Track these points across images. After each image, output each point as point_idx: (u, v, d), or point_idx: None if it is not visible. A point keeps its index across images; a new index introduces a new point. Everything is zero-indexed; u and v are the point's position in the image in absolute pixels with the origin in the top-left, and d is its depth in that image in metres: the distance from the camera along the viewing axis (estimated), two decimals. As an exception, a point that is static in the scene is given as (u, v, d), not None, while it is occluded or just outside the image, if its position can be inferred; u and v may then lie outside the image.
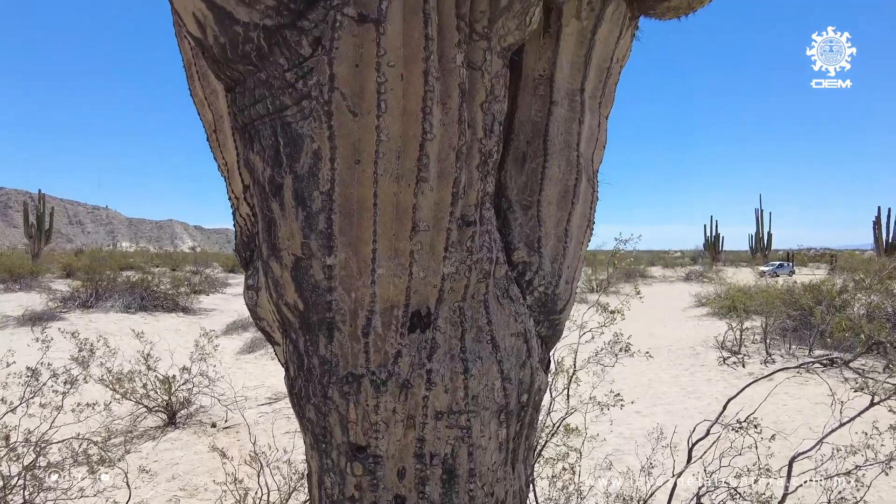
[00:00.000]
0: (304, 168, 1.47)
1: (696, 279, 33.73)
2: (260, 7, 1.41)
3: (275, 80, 1.46)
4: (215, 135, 1.87)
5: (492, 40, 1.57)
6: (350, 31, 1.43)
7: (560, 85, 1.93)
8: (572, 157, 1.94)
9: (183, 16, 1.49)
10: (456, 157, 1.53)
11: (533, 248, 1.85)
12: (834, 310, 13.59)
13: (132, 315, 18.95)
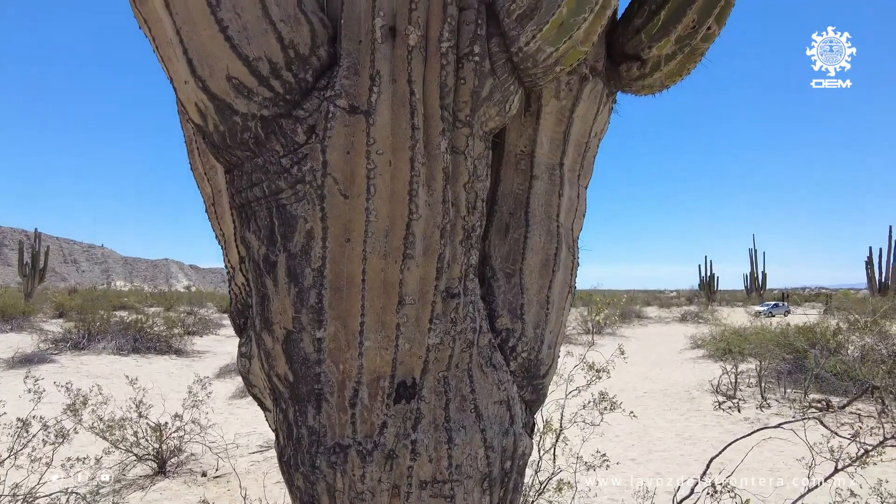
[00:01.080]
0: (297, 247, 1.56)
1: (691, 320, 33.71)
2: (258, 99, 1.53)
3: (271, 165, 1.57)
4: (213, 207, 1.97)
5: (474, 126, 1.69)
6: (342, 121, 1.55)
7: (540, 160, 2.05)
8: (553, 227, 2.04)
9: (186, 105, 1.61)
10: (440, 234, 1.63)
11: (516, 315, 1.93)
12: (828, 352, 13.61)
13: (124, 357, 18.76)
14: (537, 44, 1.61)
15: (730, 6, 2.06)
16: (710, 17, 2.01)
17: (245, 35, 1.49)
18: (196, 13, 1.48)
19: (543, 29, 1.59)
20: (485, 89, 1.65)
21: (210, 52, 1.49)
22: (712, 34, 2.07)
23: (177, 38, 1.52)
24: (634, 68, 2.09)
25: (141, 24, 1.61)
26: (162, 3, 1.50)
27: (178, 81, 1.57)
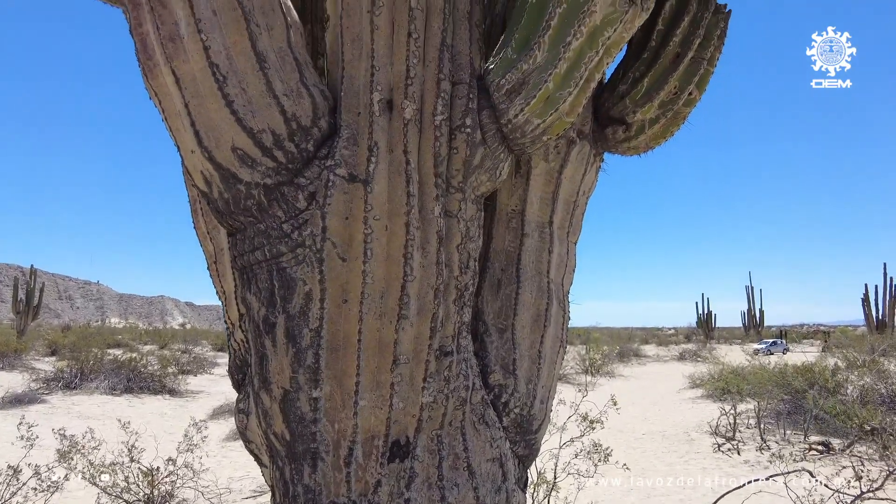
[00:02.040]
0: (295, 308, 1.62)
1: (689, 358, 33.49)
2: (262, 168, 1.62)
3: (273, 230, 1.64)
4: (215, 265, 2.04)
5: (466, 191, 1.77)
6: (341, 188, 1.63)
7: (531, 218, 2.13)
8: (543, 283, 2.11)
9: (192, 173, 1.69)
10: (434, 294, 1.69)
11: (508, 371, 1.98)
12: (827, 392, 13.52)
13: (117, 397, 18.49)
14: (525, 116, 1.71)
15: (709, 73, 2.18)
16: (691, 84, 2.13)
17: (250, 109, 1.59)
18: (204, 88, 1.58)
19: (531, 103, 1.69)
20: (476, 158, 1.74)
21: (216, 125, 1.58)
22: (693, 99, 2.19)
23: (185, 111, 1.61)
24: (620, 131, 2.20)
25: (152, 95, 1.70)
26: (172, 78, 1.60)
27: (185, 151, 1.66)
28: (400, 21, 1.70)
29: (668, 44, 2.09)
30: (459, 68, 1.75)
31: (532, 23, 1.69)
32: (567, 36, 1.63)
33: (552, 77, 1.66)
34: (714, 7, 2.12)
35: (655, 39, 2.13)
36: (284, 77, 1.64)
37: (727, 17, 2.16)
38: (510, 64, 1.70)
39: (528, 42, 1.69)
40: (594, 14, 1.63)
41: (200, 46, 1.56)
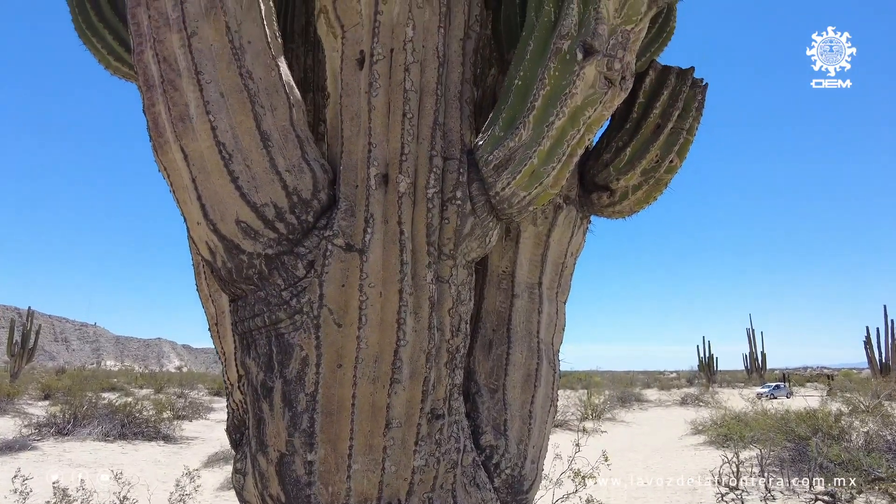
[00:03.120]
0: (292, 373, 1.69)
1: (692, 403, 33.00)
2: (263, 240, 1.71)
3: (272, 297, 1.72)
4: (216, 327, 2.11)
5: (457, 258, 1.86)
6: (338, 257, 1.72)
7: (520, 280, 2.22)
8: (533, 343, 2.18)
9: (197, 242, 1.79)
10: (426, 358, 1.76)
11: (500, 431, 2.02)
12: (831, 439, 13.32)
13: (110, 444, 18.16)
14: (512, 189, 1.82)
15: (688, 143, 2.31)
16: (672, 153, 2.26)
17: (254, 184, 1.69)
18: (211, 165, 1.69)
19: (517, 177, 1.80)
20: (466, 227, 1.84)
21: (221, 199, 1.69)
22: (674, 167, 2.31)
23: (192, 185, 1.71)
24: (605, 197, 2.31)
25: (161, 169, 1.81)
26: (181, 154, 1.71)
27: (192, 222, 1.76)
28: (395, 101, 1.83)
29: (649, 115, 2.23)
30: (451, 145, 1.87)
31: (518, 103, 1.82)
32: (550, 116, 1.76)
33: (537, 153, 1.78)
34: (691, 81, 2.26)
35: (637, 111, 2.26)
36: (287, 153, 1.75)
37: (704, 89, 2.30)
38: (498, 141, 1.82)
39: (514, 121, 1.81)
40: (575, 96, 1.75)
41: (208, 126, 1.68)
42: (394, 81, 1.84)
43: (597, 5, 1.74)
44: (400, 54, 1.84)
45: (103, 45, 2.20)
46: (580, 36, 1.74)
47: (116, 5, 2.21)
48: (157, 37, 1.73)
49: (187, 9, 1.72)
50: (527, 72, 1.82)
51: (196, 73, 1.69)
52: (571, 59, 1.73)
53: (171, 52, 1.72)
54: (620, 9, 1.78)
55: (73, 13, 2.19)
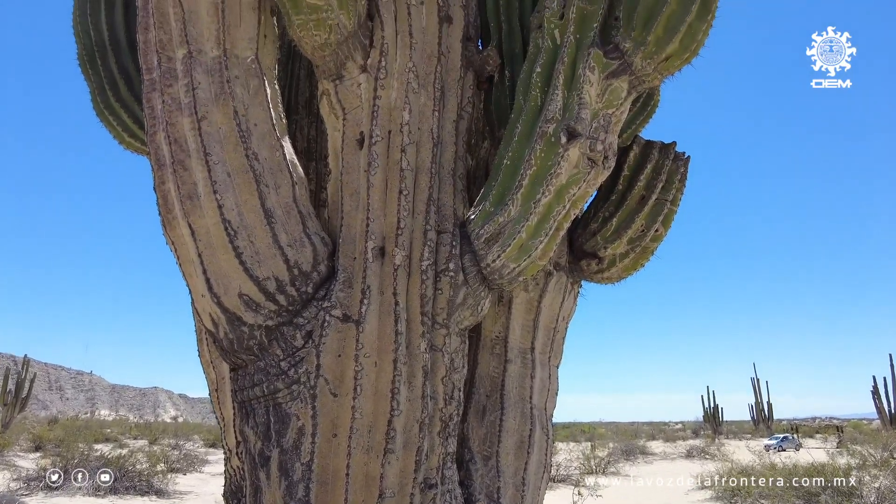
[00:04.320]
0: (289, 442, 1.73)
1: (697, 455, 32.21)
2: (264, 312, 1.79)
3: (271, 367, 1.79)
4: (216, 393, 2.16)
5: (451, 327, 1.94)
6: (336, 328, 1.79)
7: (513, 345, 2.28)
8: (526, 408, 2.22)
9: (201, 314, 1.86)
10: (419, 428, 1.80)
11: (493, 499, 2.04)
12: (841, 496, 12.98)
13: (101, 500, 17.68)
14: (502, 261, 1.91)
15: (673, 213, 2.42)
16: (657, 223, 2.36)
17: (257, 259, 1.78)
18: (216, 241, 1.79)
19: (507, 250, 1.89)
20: (459, 297, 1.92)
21: (225, 273, 1.77)
22: (660, 236, 2.40)
23: (198, 259, 1.80)
24: (594, 264, 2.40)
25: (168, 243, 1.91)
26: (188, 230, 1.81)
27: (196, 294, 1.84)
28: (392, 179, 1.94)
29: (634, 187, 2.34)
30: (444, 219, 1.97)
31: (507, 181, 1.93)
32: (537, 194, 1.87)
33: (525, 228, 1.88)
34: (674, 155, 2.39)
35: (622, 183, 2.38)
36: (289, 229, 1.85)
37: (686, 162, 2.43)
38: (488, 216, 1.92)
39: (503, 198, 1.92)
40: (560, 175, 1.87)
41: (215, 205, 1.78)
42: (391, 161, 1.95)
43: (580, 91, 1.87)
44: (397, 136, 1.97)
45: (118, 122, 2.34)
46: (564, 120, 1.86)
47: (132, 86, 2.36)
48: (169, 120, 1.85)
49: (198, 95, 1.86)
50: (515, 152, 1.95)
51: (205, 154, 1.81)
52: (556, 141, 1.85)
53: (181, 135, 1.84)
54: (602, 94, 1.91)
55: (92, 95, 2.35)
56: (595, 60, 1.87)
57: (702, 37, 1.87)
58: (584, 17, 1.94)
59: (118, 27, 2.38)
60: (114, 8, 2.39)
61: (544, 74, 1.95)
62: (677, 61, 1.89)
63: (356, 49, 1.97)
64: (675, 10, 1.81)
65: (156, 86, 1.89)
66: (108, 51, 2.34)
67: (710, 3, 1.84)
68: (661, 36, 1.83)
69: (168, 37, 1.90)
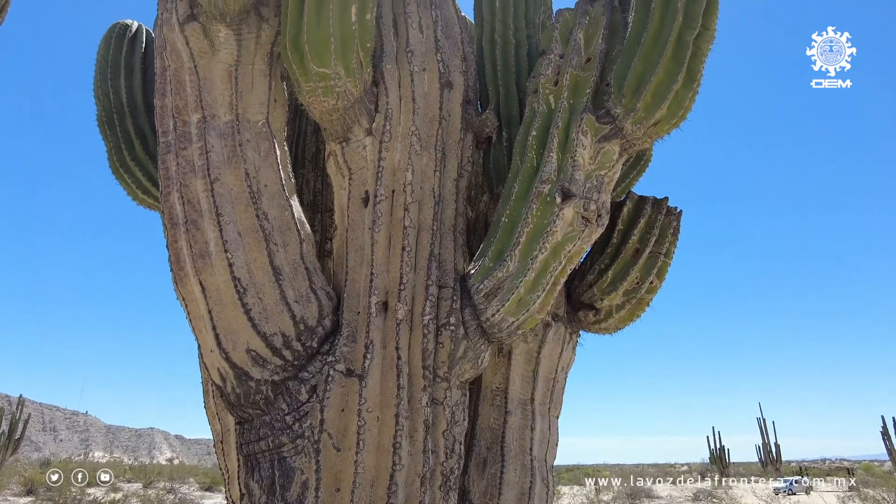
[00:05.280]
0: (293, 496, 1.76)
1: (704, 499, 31.46)
2: (271, 367, 1.84)
3: (277, 421, 1.83)
4: (221, 444, 2.19)
5: (451, 380, 1.98)
6: (339, 382, 1.85)
7: (513, 396, 2.32)
8: (527, 461, 2.24)
9: (210, 368, 1.92)
10: (421, 482, 1.84)
11: (493, 552, 2.05)
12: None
13: (92, 546, 17.20)
14: (501, 315, 1.97)
15: (667, 265, 2.49)
16: (651, 275, 2.43)
17: (265, 315, 1.85)
18: (226, 298, 1.86)
19: (506, 304, 1.96)
20: (460, 350, 1.98)
21: (234, 329, 1.84)
22: (654, 288, 2.47)
23: (208, 316, 1.87)
24: (591, 315, 2.46)
25: (179, 299, 1.98)
26: (199, 287, 1.89)
27: (205, 349, 1.90)
28: (396, 236, 2.02)
29: (628, 241, 2.42)
30: (445, 273, 2.05)
31: (505, 238, 2.02)
32: (534, 250, 1.94)
33: (523, 283, 1.95)
34: (666, 210, 2.48)
35: (617, 237, 2.46)
36: (296, 285, 1.93)
37: (679, 216, 2.51)
38: (488, 271, 2.00)
39: (502, 254, 1.99)
40: (556, 233, 1.95)
41: (226, 263, 1.86)
42: (394, 218, 2.04)
43: (573, 154, 1.97)
44: (400, 195, 2.06)
45: (133, 179, 2.45)
46: (559, 181, 1.96)
47: (147, 145, 2.48)
48: (183, 181, 1.95)
49: (212, 157, 1.96)
50: (513, 210, 2.03)
51: (217, 214, 1.90)
52: (552, 201, 1.94)
53: (194, 195, 1.93)
54: (595, 157, 2.01)
55: (109, 154, 2.46)
56: (588, 125, 1.97)
57: (688, 103, 1.98)
58: (577, 84, 2.06)
59: (136, 90, 2.51)
60: (132, 73, 2.52)
61: (540, 137, 2.06)
62: (666, 126, 1.99)
63: (362, 114, 2.08)
64: (663, 78, 1.93)
65: (171, 148, 1.99)
66: (125, 113, 2.46)
67: (695, 72, 1.96)
68: (650, 103, 1.94)
69: (184, 102, 2.01)
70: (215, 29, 1.99)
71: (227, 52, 2.02)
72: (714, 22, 1.99)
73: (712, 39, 2.00)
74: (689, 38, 1.93)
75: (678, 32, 1.92)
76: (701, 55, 1.98)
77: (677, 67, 1.91)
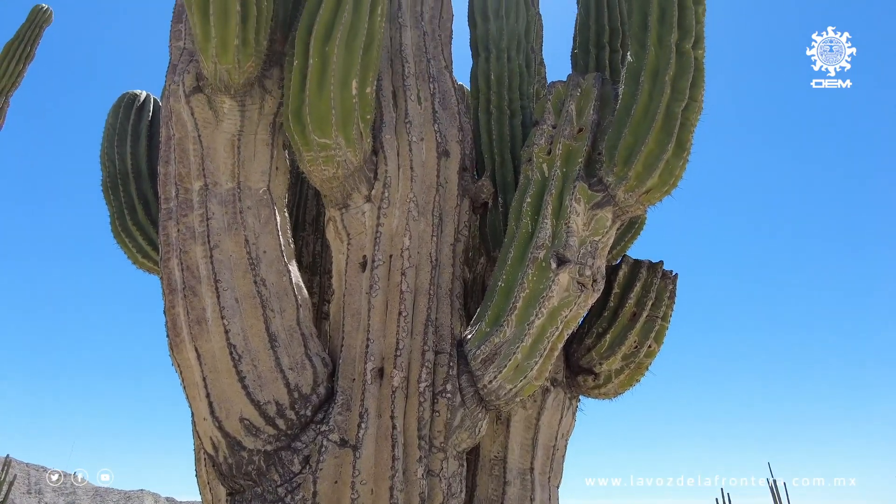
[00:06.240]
0: (282, 576, 1.69)
1: (717, 568, 29.91)
2: (264, 437, 1.81)
3: (268, 493, 1.78)
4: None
5: (448, 450, 1.94)
6: (333, 453, 1.81)
7: (512, 465, 2.26)
8: (527, 534, 2.16)
9: (202, 437, 1.88)
10: (416, 559, 1.76)
11: None
12: None
13: None
14: (499, 382, 1.95)
15: (664, 329, 2.48)
16: (649, 339, 2.42)
17: (259, 383, 1.83)
18: (221, 365, 1.84)
19: (503, 371, 1.94)
20: (456, 419, 1.95)
21: (228, 397, 1.82)
22: (653, 352, 2.46)
23: (202, 383, 1.85)
24: (590, 380, 2.43)
25: (175, 365, 1.96)
26: (195, 354, 1.88)
27: (199, 417, 1.87)
28: (393, 301, 2.03)
29: (625, 305, 2.42)
30: (442, 339, 2.04)
31: (502, 302, 2.02)
32: (531, 316, 1.94)
33: (520, 349, 1.94)
34: (662, 273, 2.49)
35: (613, 300, 2.46)
36: (291, 351, 1.92)
37: (675, 280, 2.53)
38: (485, 336, 1.99)
39: (498, 319, 2.00)
40: (552, 298, 1.96)
41: (222, 330, 1.86)
42: (392, 283, 2.05)
43: (567, 220, 2.01)
44: (398, 260, 2.08)
45: (134, 244, 2.48)
46: (554, 247, 1.98)
47: (149, 210, 2.52)
48: (183, 248, 1.97)
49: (212, 224, 1.99)
50: (509, 275, 2.05)
51: (215, 281, 1.91)
52: (547, 266, 1.96)
53: (194, 262, 1.95)
54: (588, 223, 2.04)
55: (112, 218, 2.50)
56: (581, 192, 2.02)
57: (679, 171, 2.03)
58: (570, 153, 2.12)
59: (141, 157, 2.58)
60: (139, 140, 2.60)
61: (534, 204, 2.10)
62: (658, 194, 2.03)
63: (361, 181, 2.13)
64: (653, 148, 1.98)
65: (172, 215, 2.02)
66: (129, 178, 2.52)
67: (684, 142, 2.02)
68: (641, 171, 1.99)
69: (186, 170, 2.06)
70: (220, 100, 2.06)
71: (231, 122, 2.08)
72: (701, 94, 2.06)
73: (700, 110, 2.07)
74: (678, 109, 1.99)
75: (667, 105, 1.99)
76: (690, 125, 2.04)
77: (667, 138, 1.97)
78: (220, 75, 1.99)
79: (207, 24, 1.87)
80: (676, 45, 2.02)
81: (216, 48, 1.91)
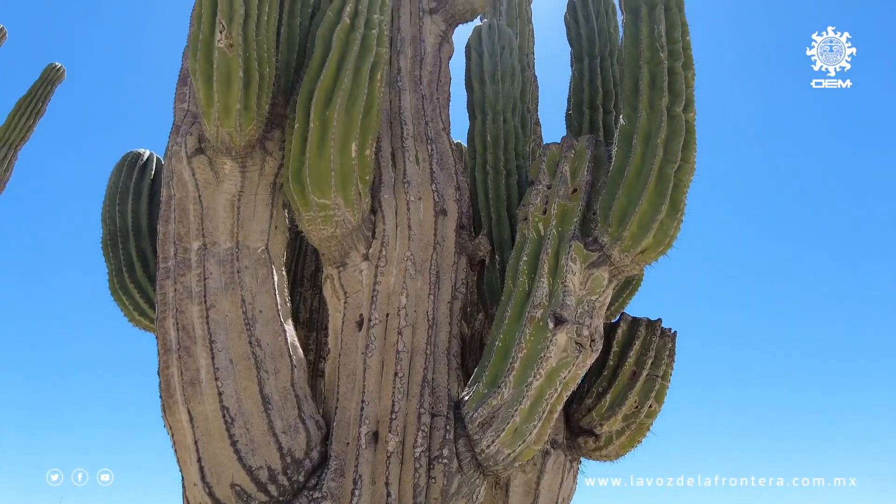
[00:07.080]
0: None
1: None
2: (254, 503, 1.75)
3: (256, 566, 1.71)
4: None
5: (445, 518, 1.88)
6: (325, 522, 1.74)
7: (512, 532, 2.18)
8: None
9: (191, 501, 1.82)
10: None
11: None
12: None
13: None
14: (497, 447, 1.91)
15: (665, 388, 2.45)
16: (650, 398, 2.38)
17: (251, 448, 1.79)
18: (213, 428, 1.81)
19: (501, 435, 1.90)
20: (453, 486, 1.89)
21: (220, 462, 1.77)
22: (654, 412, 2.41)
23: (194, 447, 1.81)
24: (591, 442, 2.38)
25: (166, 427, 1.92)
26: (187, 416, 1.84)
27: (188, 482, 1.82)
28: (388, 361, 2.01)
29: (625, 363, 2.39)
30: (438, 400, 2.01)
31: (499, 362, 2.00)
32: (529, 377, 1.92)
33: (518, 412, 1.90)
34: (661, 332, 2.47)
35: (613, 359, 2.43)
36: (285, 414, 1.88)
37: (674, 338, 2.51)
38: (482, 398, 1.96)
39: (496, 380, 1.97)
40: (550, 359, 1.93)
41: (216, 391, 1.83)
42: (388, 343, 2.04)
43: (564, 279, 2.01)
44: (394, 319, 2.07)
45: (131, 301, 2.47)
46: (551, 306, 1.97)
47: (147, 268, 2.53)
48: (179, 307, 1.97)
49: (209, 284, 1.99)
50: (506, 334, 2.03)
51: (210, 341, 1.90)
52: (544, 326, 1.95)
53: (189, 322, 1.94)
54: (585, 282, 2.05)
55: (110, 276, 2.51)
56: (576, 252, 2.03)
57: (674, 231, 2.05)
58: (565, 213, 2.14)
59: (141, 215, 2.61)
60: (140, 198, 2.64)
61: (531, 262, 2.11)
62: (653, 254, 2.05)
63: (359, 240, 2.14)
64: (647, 209, 2.01)
65: (170, 274, 2.03)
66: (129, 236, 2.54)
67: (678, 202, 2.04)
68: (636, 232, 2.01)
69: (186, 230, 2.08)
70: (221, 162, 2.10)
71: (232, 182, 2.12)
72: (693, 156, 2.10)
73: (692, 171, 2.10)
74: (670, 171, 2.03)
75: (659, 167, 2.02)
76: (683, 186, 2.07)
77: (660, 199, 2.00)
78: (222, 138, 2.04)
79: (210, 88, 1.93)
80: (667, 109, 2.08)
81: (219, 112, 1.96)
